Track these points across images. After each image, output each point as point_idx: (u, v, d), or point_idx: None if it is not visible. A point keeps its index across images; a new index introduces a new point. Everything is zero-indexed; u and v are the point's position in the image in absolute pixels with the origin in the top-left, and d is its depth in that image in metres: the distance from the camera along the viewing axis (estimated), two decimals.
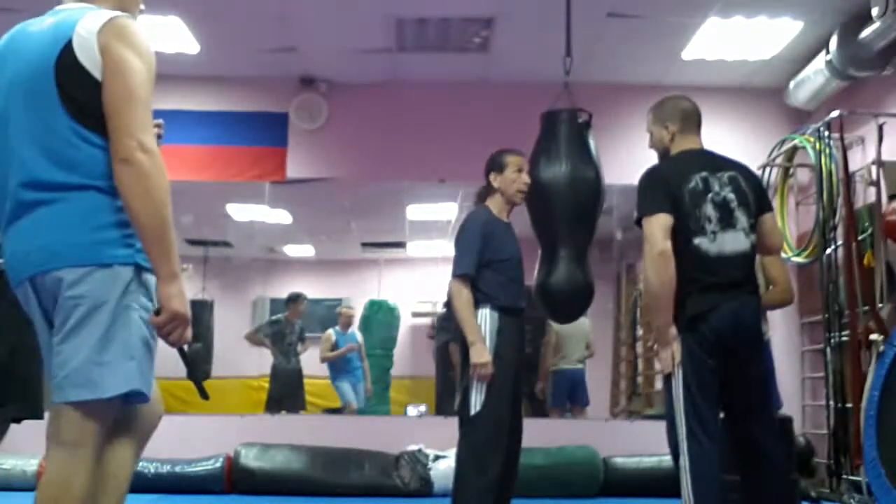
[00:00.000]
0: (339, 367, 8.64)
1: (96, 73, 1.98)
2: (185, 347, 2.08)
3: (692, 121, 3.35)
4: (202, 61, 6.49)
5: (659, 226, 3.10)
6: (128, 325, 1.97)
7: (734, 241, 3.15)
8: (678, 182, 3.17)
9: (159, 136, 2.34)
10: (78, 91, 1.99)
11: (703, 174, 3.19)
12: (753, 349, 3.18)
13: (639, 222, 3.17)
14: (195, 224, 9.34)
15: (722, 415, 3.17)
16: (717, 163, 3.29)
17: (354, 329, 8.88)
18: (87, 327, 1.95)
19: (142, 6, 2.31)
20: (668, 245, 3.06)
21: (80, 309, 1.95)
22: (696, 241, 3.12)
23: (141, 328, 1.99)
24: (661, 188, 3.17)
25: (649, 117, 3.42)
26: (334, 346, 8.67)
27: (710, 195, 3.16)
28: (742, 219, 3.18)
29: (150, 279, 2.01)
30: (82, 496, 1.97)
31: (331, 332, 8.76)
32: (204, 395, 2.17)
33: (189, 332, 2.02)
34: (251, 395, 9.04)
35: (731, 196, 3.18)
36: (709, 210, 3.15)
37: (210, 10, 5.75)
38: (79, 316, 1.95)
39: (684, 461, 3.01)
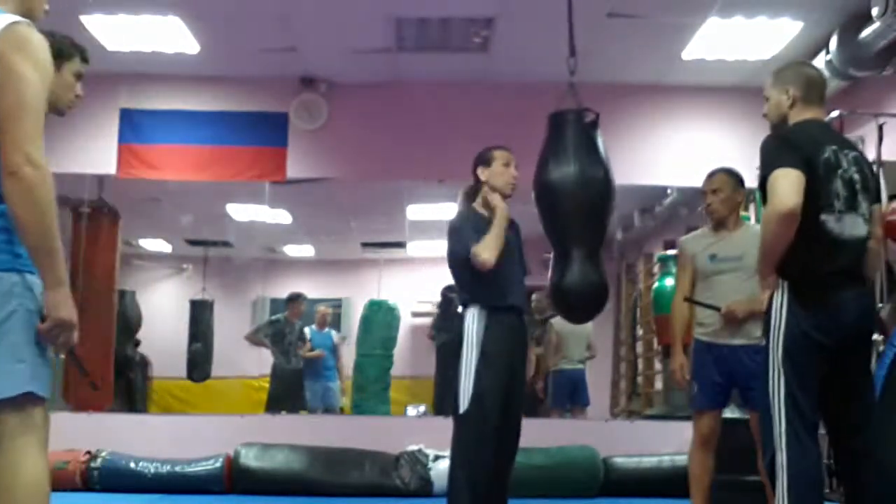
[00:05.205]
0: (308, 366, 8.61)
1: None
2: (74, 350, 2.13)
3: (816, 90, 3.05)
4: (202, 61, 6.48)
5: (790, 181, 2.75)
6: (15, 329, 1.99)
7: (855, 226, 2.89)
8: (813, 150, 2.87)
9: None
10: None
11: (833, 147, 2.91)
12: (864, 349, 3.00)
13: (762, 185, 2.85)
14: (195, 224, 9.35)
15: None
16: (842, 140, 3.03)
17: (329, 328, 8.87)
18: None
19: (46, 6, 2.25)
20: (800, 203, 2.74)
21: None
22: (823, 217, 2.84)
23: (28, 331, 2.00)
24: (796, 151, 2.84)
25: (768, 81, 3.12)
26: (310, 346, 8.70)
27: (840, 171, 2.88)
28: (864, 204, 2.91)
29: (35, 281, 2.02)
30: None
31: (306, 331, 8.75)
32: (84, 372, 2.31)
33: (75, 336, 2.05)
34: (251, 395, 9.06)
35: (857, 177, 2.91)
36: (838, 186, 2.86)
37: (210, 10, 5.75)
38: None
39: (781, 458, 2.78)
